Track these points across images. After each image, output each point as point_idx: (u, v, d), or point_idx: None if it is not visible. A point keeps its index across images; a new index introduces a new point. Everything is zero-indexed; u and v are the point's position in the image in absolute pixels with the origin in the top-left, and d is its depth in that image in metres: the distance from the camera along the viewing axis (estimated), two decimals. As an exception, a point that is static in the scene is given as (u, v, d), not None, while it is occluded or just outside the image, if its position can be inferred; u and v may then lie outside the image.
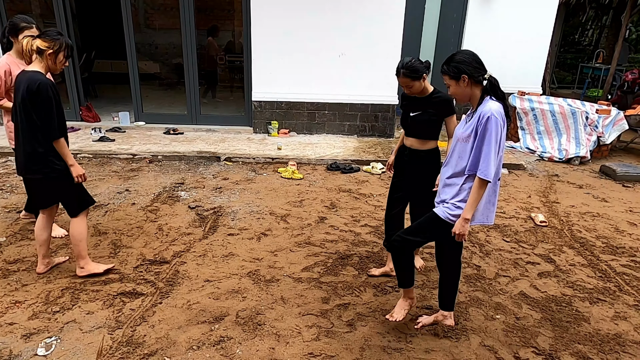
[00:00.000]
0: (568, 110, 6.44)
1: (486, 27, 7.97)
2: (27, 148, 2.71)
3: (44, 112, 2.64)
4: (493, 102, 2.17)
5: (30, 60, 2.70)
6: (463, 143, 2.26)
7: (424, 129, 2.80)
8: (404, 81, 2.70)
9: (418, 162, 2.87)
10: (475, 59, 2.21)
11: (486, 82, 2.19)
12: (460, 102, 2.32)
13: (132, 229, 3.79)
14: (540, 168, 6.15)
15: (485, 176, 2.15)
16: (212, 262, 3.34)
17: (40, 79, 2.62)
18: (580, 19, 14.37)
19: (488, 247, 3.76)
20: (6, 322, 2.57)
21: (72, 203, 2.92)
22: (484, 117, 2.13)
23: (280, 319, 2.71)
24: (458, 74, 2.20)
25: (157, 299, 2.85)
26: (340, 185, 5.10)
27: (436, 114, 2.76)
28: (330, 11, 6.50)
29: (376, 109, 6.95)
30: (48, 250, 3.06)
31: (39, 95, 2.60)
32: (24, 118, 2.68)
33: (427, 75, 2.73)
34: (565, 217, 4.47)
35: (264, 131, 7.03)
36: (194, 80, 6.95)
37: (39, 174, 2.75)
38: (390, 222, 3.09)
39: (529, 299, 3.04)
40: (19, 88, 2.67)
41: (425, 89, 2.77)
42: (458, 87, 2.24)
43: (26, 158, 2.73)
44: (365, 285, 3.11)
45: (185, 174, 5.29)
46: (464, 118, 2.36)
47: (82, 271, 3.03)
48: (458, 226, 2.27)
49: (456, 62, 2.21)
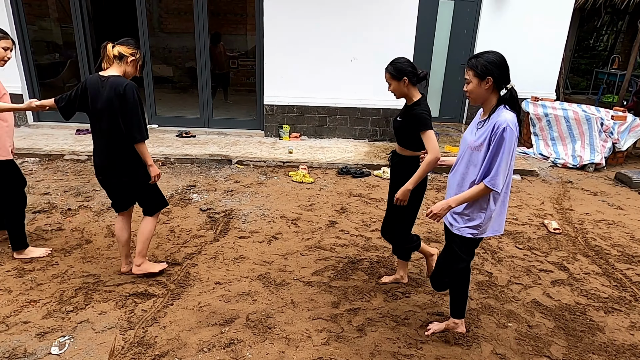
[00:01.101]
0: (582, 116, 6.36)
1: (499, 31, 7.92)
2: (112, 151, 2.75)
3: (132, 114, 2.70)
4: (508, 112, 2.13)
5: (108, 66, 2.75)
6: (474, 152, 2.22)
7: (400, 135, 2.80)
8: (385, 76, 2.72)
9: (397, 167, 2.87)
10: (505, 65, 2.15)
11: (506, 92, 2.15)
12: (472, 101, 2.27)
13: (145, 231, 3.83)
14: (553, 174, 6.08)
15: (493, 186, 2.12)
16: (222, 265, 3.36)
17: (126, 81, 2.70)
18: (595, 24, 14.21)
19: (500, 253, 3.72)
20: (21, 320, 2.61)
21: (151, 203, 3.01)
22: (499, 127, 2.08)
23: (290, 323, 2.71)
24: (485, 74, 2.13)
25: (169, 301, 2.87)
26: (351, 190, 5.09)
27: (409, 125, 2.68)
28: (342, 16, 6.53)
29: (387, 114, 6.94)
30: (129, 251, 3.14)
31: (126, 97, 2.66)
32: (108, 122, 2.70)
33: (410, 81, 2.66)
34: (580, 225, 4.41)
35: (275, 135, 7.06)
36: (206, 84, 7.02)
37: (126, 176, 2.82)
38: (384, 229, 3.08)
39: (542, 307, 3.00)
40: (98, 94, 2.67)
41: (408, 96, 2.73)
42: (479, 86, 2.17)
43: (112, 161, 2.78)
44: (375, 290, 3.10)
45: (197, 176, 5.33)
46: (473, 124, 2.33)
47: (138, 269, 3.08)
48: (438, 206, 2.24)
49: (486, 61, 2.12)
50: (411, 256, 3.17)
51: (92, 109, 2.74)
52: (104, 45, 2.75)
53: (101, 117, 2.71)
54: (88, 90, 2.72)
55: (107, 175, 2.86)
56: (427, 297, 3.04)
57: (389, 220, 3.01)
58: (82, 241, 3.62)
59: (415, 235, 3.01)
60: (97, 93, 2.70)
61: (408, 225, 2.93)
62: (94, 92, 2.70)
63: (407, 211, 2.87)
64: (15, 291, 2.90)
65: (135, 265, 3.08)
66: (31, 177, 5.03)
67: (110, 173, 2.83)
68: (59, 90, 8.46)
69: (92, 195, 4.58)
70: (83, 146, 6.06)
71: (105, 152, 2.79)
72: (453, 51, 8.32)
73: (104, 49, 2.74)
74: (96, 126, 2.77)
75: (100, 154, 2.82)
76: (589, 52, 15.69)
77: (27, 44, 6.86)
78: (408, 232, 2.96)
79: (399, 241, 3.01)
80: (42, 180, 4.98)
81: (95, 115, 2.73)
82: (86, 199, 4.47)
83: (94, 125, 2.78)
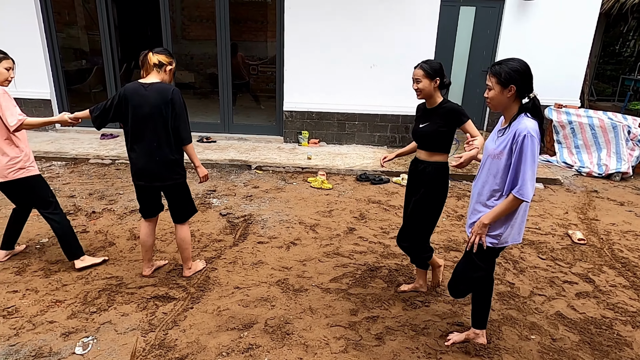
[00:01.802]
0: (608, 124, 6.20)
1: (522, 37, 7.81)
2: (158, 156, 2.82)
3: (180, 118, 2.81)
4: (529, 119, 2.10)
5: (146, 74, 2.83)
6: (494, 160, 2.20)
7: (431, 140, 2.76)
8: (416, 73, 2.71)
9: (423, 175, 2.81)
10: (529, 73, 2.12)
11: (529, 100, 2.11)
12: (492, 108, 2.24)
13: (166, 234, 3.90)
14: (578, 183, 5.94)
15: (522, 196, 2.08)
16: (241, 270, 3.38)
17: (171, 87, 2.80)
18: (621, 29, 13.86)
19: (522, 264, 3.65)
20: (47, 320, 2.69)
21: (185, 209, 3.09)
22: (520, 135, 2.06)
23: (308, 329, 2.71)
24: (508, 82, 2.10)
25: (189, 304, 2.91)
26: (370, 196, 5.08)
27: (445, 124, 2.69)
28: (362, 22, 6.55)
29: (407, 120, 6.91)
30: (152, 255, 3.24)
31: (174, 102, 2.77)
32: (155, 127, 2.77)
33: (439, 85, 2.71)
34: (605, 236, 4.29)
35: (294, 141, 7.10)
36: (227, 90, 7.12)
37: (170, 180, 2.91)
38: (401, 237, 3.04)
39: (566, 319, 2.92)
40: (143, 100, 2.73)
41: (434, 98, 2.75)
42: (501, 94, 2.14)
43: (158, 165, 2.84)
44: (394, 298, 3.07)
45: (217, 181, 5.40)
46: (494, 132, 2.31)
47: (189, 271, 3.23)
48: (476, 228, 2.22)
49: (511, 69, 2.09)
50: (429, 265, 3.13)
51: (134, 116, 2.77)
52: (144, 54, 2.82)
53: (147, 123, 2.76)
54: (129, 98, 2.75)
55: (152, 180, 2.89)
56: (447, 307, 2.99)
57: (407, 229, 2.99)
58: (105, 244, 3.70)
59: (430, 247, 2.99)
60: (141, 100, 2.75)
61: (426, 234, 2.91)
62: (138, 99, 2.75)
63: (426, 220, 2.85)
64: (41, 291, 2.98)
65: (187, 269, 3.22)
66: (58, 180, 5.18)
67: (156, 177, 2.88)
68: (86, 96, 8.72)
69: (115, 198, 4.69)
70: (107, 150, 6.21)
71: (151, 157, 2.83)
72: (474, 57, 8.24)
73: (145, 57, 2.81)
74: (140, 132, 2.79)
75: (144, 159, 2.84)
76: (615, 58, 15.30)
77: (57, 51, 7.10)
78: (425, 242, 2.93)
79: (416, 250, 2.98)
80: (68, 183, 5.12)
81: (140, 121, 2.77)
82: (110, 202, 4.58)
83: (136, 131, 2.80)
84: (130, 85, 2.79)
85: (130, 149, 2.88)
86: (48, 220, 3.18)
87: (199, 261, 3.40)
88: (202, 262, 3.40)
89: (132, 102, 2.75)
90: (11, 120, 2.87)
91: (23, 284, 3.06)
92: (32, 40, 6.78)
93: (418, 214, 2.86)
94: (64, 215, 3.24)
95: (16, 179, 3.02)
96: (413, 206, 2.89)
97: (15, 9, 6.67)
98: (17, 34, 6.69)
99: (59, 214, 3.19)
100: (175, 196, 3.02)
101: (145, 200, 3.04)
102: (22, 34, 6.72)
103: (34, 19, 6.73)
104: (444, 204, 2.85)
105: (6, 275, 3.15)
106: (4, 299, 2.88)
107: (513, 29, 7.85)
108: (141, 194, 3.02)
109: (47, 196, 3.17)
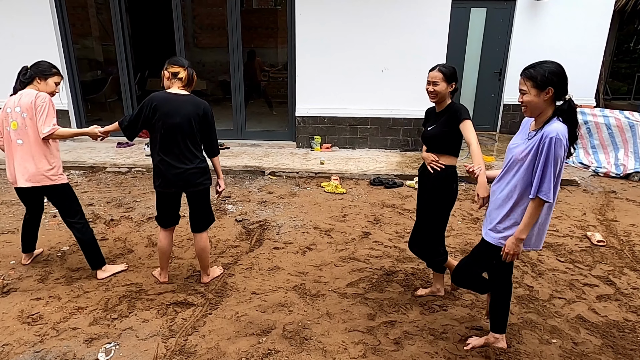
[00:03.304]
0: (625, 123, 6.11)
1: (534, 37, 7.76)
2: (189, 163, 2.89)
3: (211, 132, 2.95)
4: (559, 123, 2.07)
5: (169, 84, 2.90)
6: (520, 162, 2.18)
7: (437, 141, 2.78)
8: (435, 75, 2.71)
9: (430, 178, 2.83)
10: (565, 74, 2.08)
11: (564, 102, 2.08)
12: (528, 113, 2.19)
13: (183, 241, 3.95)
14: (595, 184, 5.85)
15: (547, 197, 2.07)
16: (258, 275, 3.41)
17: (203, 101, 2.92)
18: (635, 27, 13.64)
19: (541, 266, 3.61)
20: (70, 326, 2.74)
21: (207, 217, 3.16)
22: (547, 137, 2.04)
23: (326, 334, 2.71)
24: (545, 84, 2.06)
25: (207, 310, 2.94)
26: (384, 200, 5.07)
27: (447, 124, 2.71)
28: (373, 27, 6.56)
29: (419, 123, 6.89)
30: (169, 262, 3.33)
31: (207, 117, 2.90)
32: (185, 136, 2.83)
33: (453, 90, 2.75)
34: (626, 237, 4.21)
35: (307, 146, 7.13)
36: (240, 97, 7.19)
37: (202, 185, 2.99)
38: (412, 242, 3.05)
39: (588, 323, 2.88)
40: (176, 109, 2.79)
41: (445, 101, 2.78)
42: (538, 97, 2.09)
43: (191, 173, 2.91)
44: (411, 303, 3.07)
45: (232, 187, 5.45)
46: (522, 134, 2.28)
47: (207, 278, 3.29)
48: (510, 245, 2.20)
49: (547, 71, 2.06)
50: (446, 269, 3.12)
51: (165, 124, 2.80)
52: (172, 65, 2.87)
53: (177, 132, 2.81)
54: (158, 107, 2.79)
55: (186, 186, 2.94)
56: (465, 311, 2.98)
57: (418, 234, 2.99)
58: (124, 251, 3.76)
59: (443, 250, 2.98)
60: (173, 109, 2.80)
61: (436, 238, 2.90)
62: (169, 108, 2.79)
63: (434, 224, 2.85)
64: (64, 298, 3.04)
65: (205, 276, 3.27)
66: (76, 188, 5.28)
67: (189, 184, 2.94)
68: (101, 105, 8.88)
69: (132, 206, 4.76)
70: (124, 159, 6.31)
71: (181, 164, 2.87)
72: (486, 58, 8.20)
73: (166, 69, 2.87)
74: (171, 140, 2.83)
75: (176, 166, 2.86)
76: (630, 56, 15.05)
77: (74, 62, 7.26)
78: (437, 245, 2.92)
79: (427, 254, 2.97)
80: (86, 191, 5.22)
81: (171, 129, 2.80)
82: (127, 210, 4.65)
83: (167, 139, 2.83)
84: (159, 95, 2.84)
85: (159, 157, 2.88)
86: (72, 229, 3.23)
87: (216, 267, 3.44)
88: (220, 268, 3.44)
89: (162, 110, 2.79)
90: (44, 128, 2.96)
91: (46, 291, 3.13)
92: (50, 53, 6.94)
93: (426, 217, 2.87)
94: (88, 225, 3.29)
95: (49, 185, 3.09)
96: (421, 210, 2.90)
97: (33, 23, 6.85)
98: (35, 46, 6.86)
99: (83, 224, 3.24)
100: (201, 202, 3.07)
101: (169, 209, 3.06)
102: (40, 47, 6.88)
103: (51, 33, 6.90)
104: (451, 208, 2.84)
105: (29, 283, 3.23)
106: (28, 306, 2.95)
107: (525, 29, 7.80)
108: (166, 202, 3.04)
109: (75, 205, 3.24)
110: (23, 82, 3.05)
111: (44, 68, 3.08)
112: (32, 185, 3.05)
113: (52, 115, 3.00)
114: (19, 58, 7.30)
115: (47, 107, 2.98)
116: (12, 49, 6.88)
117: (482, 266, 2.49)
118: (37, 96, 2.97)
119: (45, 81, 3.07)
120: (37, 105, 2.95)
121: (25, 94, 2.99)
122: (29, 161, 3.01)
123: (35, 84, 3.05)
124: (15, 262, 3.51)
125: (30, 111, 2.96)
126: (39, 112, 2.95)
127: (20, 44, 6.88)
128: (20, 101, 2.98)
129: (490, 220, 2.34)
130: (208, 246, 3.20)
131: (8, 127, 3.02)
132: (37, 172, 3.03)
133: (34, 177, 3.03)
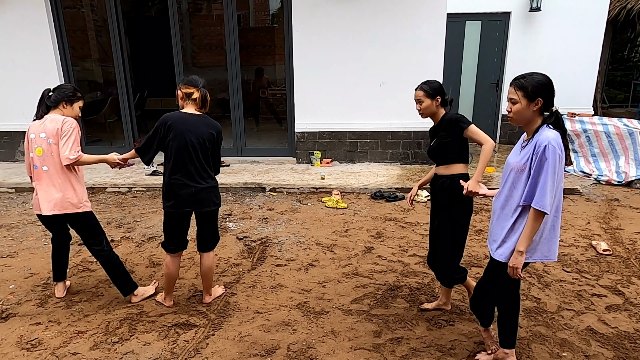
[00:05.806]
0: (624, 131, 6.11)
1: (529, 48, 7.83)
2: (205, 183, 2.90)
3: (218, 153, 3.02)
4: (550, 130, 2.08)
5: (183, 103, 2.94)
6: (518, 173, 2.16)
7: (440, 153, 2.79)
8: (417, 94, 2.78)
9: (442, 190, 2.81)
10: (553, 87, 2.12)
11: (551, 114, 2.11)
12: (514, 122, 2.21)
13: (184, 260, 3.90)
14: (597, 192, 5.82)
15: (541, 207, 2.04)
16: (261, 294, 3.36)
17: (217, 124, 2.96)
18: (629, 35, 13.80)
19: (547, 277, 3.56)
20: (70, 352, 2.68)
21: (215, 235, 3.14)
22: (541, 145, 2.04)
23: (332, 353, 2.65)
24: (535, 95, 2.09)
25: (210, 331, 2.89)
26: (386, 214, 5.04)
27: (448, 135, 2.72)
28: (370, 42, 6.62)
29: (418, 136, 6.90)
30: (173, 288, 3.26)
31: (218, 139, 2.96)
32: (199, 154, 2.84)
33: (440, 103, 2.77)
34: (631, 245, 4.17)
35: (307, 161, 7.13)
36: (240, 114, 7.21)
37: (214, 205, 2.99)
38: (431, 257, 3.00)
39: (598, 334, 2.82)
40: (192, 128, 2.80)
41: (436, 115, 2.82)
42: (527, 108, 2.11)
43: (206, 192, 2.91)
44: (417, 318, 3.01)
45: (233, 205, 5.42)
46: (518, 146, 2.28)
47: (209, 297, 3.24)
48: (512, 259, 2.17)
49: (537, 82, 2.09)
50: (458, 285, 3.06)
51: (179, 144, 2.79)
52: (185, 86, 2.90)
53: (191, 150, 2.81)
54: (173, 127, 2.80)
55: (200, 205, 2.91)
56: (472, 325, 2.92)
57: (435, 249, 2.94)
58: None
59: (463, 267, 2.93)
60: (190, 127, 2.81)
61: (457, 255, 2.85)
62: (186, 127, 2.80)
63: (453, 238, 2.80)
64: (64, 322, 2.99)
65: (207, 295, 3.23)
66: (76, 210, 5.25)
67: (204, 203, 2.92)
68: (101, 126, 8.90)
69: (133, 226, 4.73)
70: (123, 179, 6.30)
71: (195, 183, 2.86)
72: (482, 70, 8.26)
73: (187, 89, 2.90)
74: (185, 160, 2.82)
75: (189, 185, 2.84)
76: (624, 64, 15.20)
77: (74, 84, 7.29)
78: (456, 261, 2.88)
79: (447, 271, 2.91)
80: (86, 212, 5.18)
81: (186, 148, 2.80)
82: (128, 230, 4.62)
83: (180, 159, 2.82)
84: (173, 115, 2.85)
85: (173, 176, 2.85)
86: (97, 257, 3.14)
87: (218, 286, 3.39)
88: (222, 288, 3.39)
89: (178, 129, 2.80)
90: (71, 154, 2.89)
91: (45, 315, 3.07)
92: (50, 76, 6.99)
93: (443, 232, 2.82)
94: (113, 251, 3.20)
95: (75, 213, 3.01)
96: (438, 224, 2.86)
97: (34, 47, 6.91)
98: (36, 70, 6.91)
99: (108, 251, 3.16)
100: (211, 222, 3.06)
101: (178, 231, 3.00)
102: (40, 70, 6.93)
103: (51, 57, 6.96)
104: (470, 218, 2.80)
105: (29, 307, 3.17)
106: (27, 331, 2.89)
107: (521, 41, 7.87)
108: (177, 224, 2.97)
109: (98, 232, 3.15)
110: (48, 106, 2.99)
111: (69, 92, 3.03)
112: (57, 213, 2.96)
113: (77, 141, 2.95)
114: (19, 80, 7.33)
115: (74, 133, 2.93)
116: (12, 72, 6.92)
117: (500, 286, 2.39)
118: (65, 122, 2.91)
119: (71, 106, 3.04)
120: (64, 130, 2.89)
121: (51, 119, 2.92)
122: (54, 188, 2.94)
123: (60, 109, 3.01)
124: (14, 287, 3.46)
125: (57, 137, 2.89)
126: (64, 137, 2.89)
127: (22, 70, 6.93)
128: (45, 127, 2.91)
129: (495, 237, 2.30)
130: (214, 265, 3.16)
131: (32, 153, 2.95)
132: (63, 199, 2.94)
133: (59, 205, 2.95)
